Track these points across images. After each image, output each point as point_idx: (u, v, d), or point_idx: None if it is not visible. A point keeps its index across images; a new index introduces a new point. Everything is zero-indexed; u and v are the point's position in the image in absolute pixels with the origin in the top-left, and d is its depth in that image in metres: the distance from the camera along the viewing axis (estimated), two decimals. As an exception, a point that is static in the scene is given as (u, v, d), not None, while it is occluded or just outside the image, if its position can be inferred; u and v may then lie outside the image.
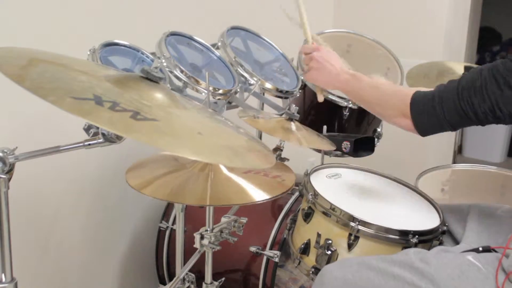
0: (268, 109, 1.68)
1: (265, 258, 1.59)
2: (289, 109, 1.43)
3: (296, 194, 1.65)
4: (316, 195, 1.30)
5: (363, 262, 1.12)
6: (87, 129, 1.16)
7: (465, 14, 2.57)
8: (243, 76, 1.49)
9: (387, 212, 1.34)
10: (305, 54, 1.48)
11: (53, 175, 1.63)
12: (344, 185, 1.44)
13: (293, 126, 1.42)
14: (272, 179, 1.24)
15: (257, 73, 1.53)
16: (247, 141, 0.98)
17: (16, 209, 1.03)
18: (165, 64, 1.31)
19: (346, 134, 1.70)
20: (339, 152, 1.63)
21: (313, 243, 1.30)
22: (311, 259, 1.30)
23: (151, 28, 1.55)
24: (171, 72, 1.32)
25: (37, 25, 1.52)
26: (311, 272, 1.29)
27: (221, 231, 1.32)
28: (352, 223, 1.22)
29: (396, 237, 1.21)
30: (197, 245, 1.30)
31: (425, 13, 2.48)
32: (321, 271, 1.16)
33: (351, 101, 1.67)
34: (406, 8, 2.54)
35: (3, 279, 0.98)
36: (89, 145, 1.12)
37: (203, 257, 1.34)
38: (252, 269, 1.63)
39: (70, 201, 1.72)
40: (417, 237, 1.19)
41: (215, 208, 1.31)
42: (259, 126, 1.42)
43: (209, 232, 1.30)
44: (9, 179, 0.96)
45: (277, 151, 1.70)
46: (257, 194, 1.15)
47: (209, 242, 1.29)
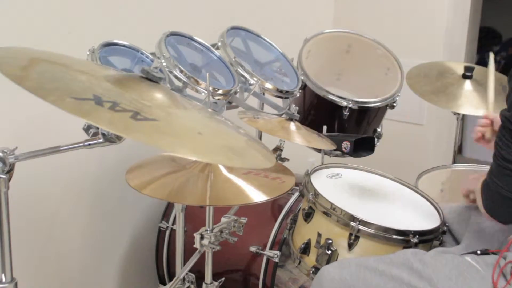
0: (268, 109, 1.68)
1: (265, 258, 1.58)
2: (289, 109, 1.43)
3: (296, 194, 1.65)
4: (316, 195, 1.30)
5: (361, 262, 1.12)
6: (87, 129, 1.16)
7: (465, 14, 2.56)
8: (243, 76, 1.49)
9: (388, 212, 1.34)
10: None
11: (53, 175, 1.63)
12: (344, 185, 1.44)
13: (293, 126, 1.42)
14: (272, 181, 1.24)
15: (257, 73, 1.53)
16: (247, 141, 0.97)
17: (16, 209, 1.03)
18: (164, 64, 1.31)
19: (346, 134, 1.70)
20: (339, 152, 1.63)
21: (313, 243, 1.30)
22: (311, 259, 1.30)
23: (151, 28, 1.55)
24: (171, 72, 1.32)
25: (37, 25, 1.52)
26: (311, 272, 1.29)
27: (221, 231, 1.32)
28: (352, 223, 1.22)
29: (396, 237, 1.21)
30: (197, 245, 1.30)
31: (425, 13, 2.48)
32: (319, 271, 1.16)
33: (351, 101, 1.68)
34: (406, 8, 2.53)
35: (3, 279, 0.98)
36: (89, 145, 1.12)
37: (203, 257, 1.34)
38: (252, 269, 1.63)
39: (70, 201, 1.72)
40: (417, 237, 1.19)
41: (215, 208, 1.31)
42: (259, 126, 1.42)
43: (209, 232, 1.30)
44: (9, 179, 0.96)
45: (277, 151, 1.69)
46: (257, 195, 1.15)
47: (209, 242, 1.29)
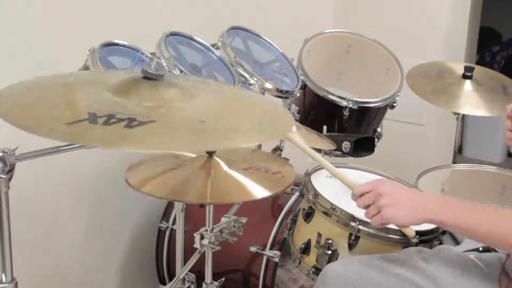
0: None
1: (265, 258, 1.58)
2: (289, 109, 1.43)
3: (296, 194, 1.64)
4: (316, 195, 1.30)
5: (365, 260, 1.12)
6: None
7: (465, 14, 2.56)
8: (243, 76, 1.49)
9: (388, 212, 1.34)
10: (360, 196, 1.11)
11: (53, 175, 1.63)
12: (344, 185, 1.44)
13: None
14: (272, 175, 1.23)
15: (257, 73, 1.53)
16: (259, 117, 0.97)
17: (16, 209, 1.02)
18: (164, 64, 1.31)
19: (346, 134, 1.70)
20: (339, 152, 1.62)
21: (313, 243, 1.30)
22: (311, 259, 1.30)
23: (151, 28, 1.55)
24: (171, 72, 1.32)
25: (37, 25, 1.52)
26: (311, 272, 1.29)
27: (221, 231, 1.32)
28: (352, 223, 1.22)
29: (396, 237, 1.21)
30: (197, 245, 1.30)
31: (425, 13, 2.48)
32: (323, 269, 1.16)
33: (351, 101, 1.67)
34: (406, 8, 2.53)
35: (3, 279, 0.98)
36: (89, 145, 1.12)
37: (203, 257, 1.34)
38: (252, 269, 1.63)
39: (70, 201, 1.72)
40: (417, 237, 1.19)
41: (215, 208, 1.31)
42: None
43: (209, 232, 1.30)
44: (10, 179, 0.96)
45: (277, 151, 1.70)
46: (258, 190, 1.15)
47: (209, 242, 1.29)
